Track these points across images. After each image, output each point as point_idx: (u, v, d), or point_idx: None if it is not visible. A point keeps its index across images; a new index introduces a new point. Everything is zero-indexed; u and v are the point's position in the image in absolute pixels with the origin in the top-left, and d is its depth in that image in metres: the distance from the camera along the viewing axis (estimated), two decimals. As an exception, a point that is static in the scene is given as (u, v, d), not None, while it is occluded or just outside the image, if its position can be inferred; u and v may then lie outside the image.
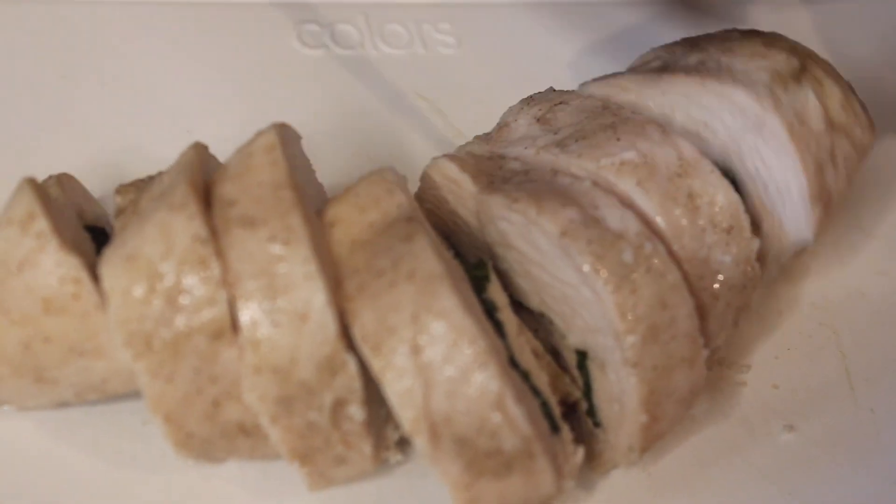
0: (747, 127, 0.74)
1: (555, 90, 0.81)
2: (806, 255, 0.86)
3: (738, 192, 0.75)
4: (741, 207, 0.72)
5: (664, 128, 0.73)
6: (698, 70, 0.76)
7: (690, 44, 0.81)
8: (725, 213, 0.71)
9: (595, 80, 0.81)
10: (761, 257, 0.76)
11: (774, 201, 0.76)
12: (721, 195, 0.72)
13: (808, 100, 0.75)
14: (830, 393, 0.81)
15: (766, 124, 0.74)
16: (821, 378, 0.82)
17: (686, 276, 0.69)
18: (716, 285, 0.71)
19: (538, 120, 0.78)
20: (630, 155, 0.71)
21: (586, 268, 0.66)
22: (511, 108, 0.81)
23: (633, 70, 0.82)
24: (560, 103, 0.78)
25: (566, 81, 0.82)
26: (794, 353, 0.83)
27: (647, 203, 0.70)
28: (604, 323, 0.67)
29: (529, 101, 0.80)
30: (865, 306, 0.85)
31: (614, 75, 0.80)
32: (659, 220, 0.70)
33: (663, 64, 0.80)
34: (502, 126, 0.79)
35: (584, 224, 0.67)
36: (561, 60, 1.00)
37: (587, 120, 0.75)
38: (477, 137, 0.80)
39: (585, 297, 0.68)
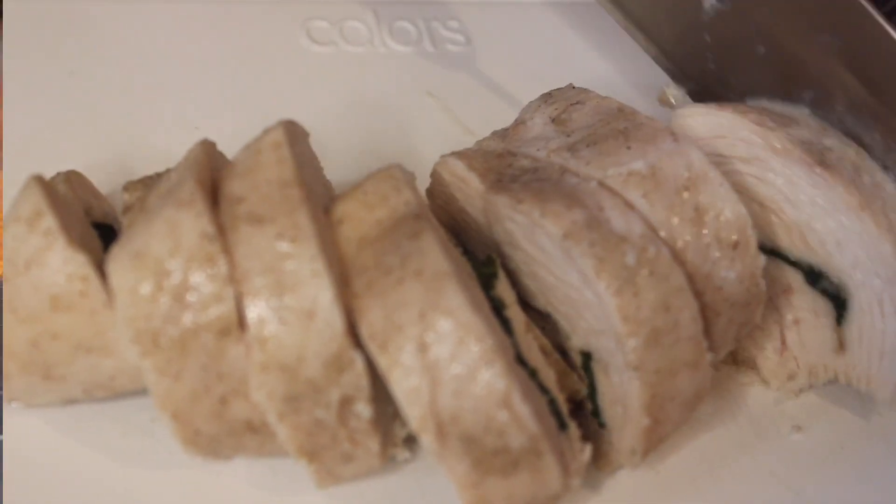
0: (879, 273, 0.71)
1: (574, 87, 0.80)
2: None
3: (840, 312, 0.73)
4: (749, 222, 0.69)
5: (676, 136, 0.71)
6: (855, 183, 0.71)
7: (829, 111, 0.74)
8: (733, 227, 0.69)
9: (706, 111, 0.76)
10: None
11: (873, 347, 0.73)
12: (729, 209, 0.69)
13: None
14: (838, 395, 0.81)
15: None
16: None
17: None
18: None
19: (553, 120, 0.77)
20: (638, 165, 0.69)
21: (588, 270, 0.65)
22: (530, 104, 0.80)
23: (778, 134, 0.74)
24: (577, 103, 0.77)
25: (574, 80, 0.81)
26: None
27: (651, 215, 0.68)
28: (606, 326, 0.67)
29: (548, 97, 0.79)
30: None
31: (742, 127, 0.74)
32: (663, 234, 0.68)
33: (807, 137, 0.73)
34: (519, 123, 0.79)
35: (588, 226, 0.66)
36: (569, 58, 1.00)
37: (601, 123, 0.74)
38: (494, 133, 0.80)
39: (588, 299, 0.67)
